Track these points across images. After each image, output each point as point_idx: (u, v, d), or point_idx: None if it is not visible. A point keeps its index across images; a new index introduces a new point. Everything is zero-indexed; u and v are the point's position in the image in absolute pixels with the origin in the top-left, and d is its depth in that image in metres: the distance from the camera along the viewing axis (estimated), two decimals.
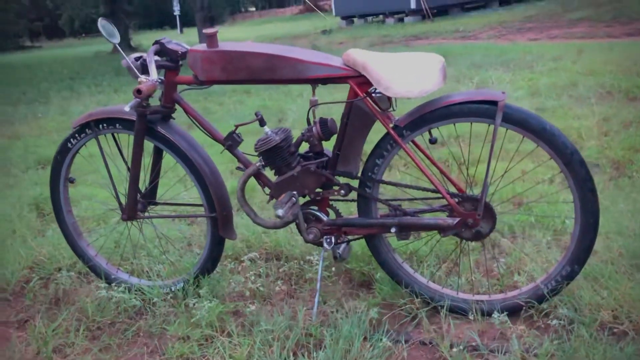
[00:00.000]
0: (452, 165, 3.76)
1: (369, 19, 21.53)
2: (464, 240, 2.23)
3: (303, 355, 2.02)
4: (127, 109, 2.16)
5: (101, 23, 2.25)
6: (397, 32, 15.82)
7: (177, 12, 32.49)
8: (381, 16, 20.79)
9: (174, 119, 2.43)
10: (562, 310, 2.09)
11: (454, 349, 1.99)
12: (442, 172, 2.24)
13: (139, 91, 2.07)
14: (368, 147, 2.23)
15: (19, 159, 5.16)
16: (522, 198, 3.17)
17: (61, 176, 2.56)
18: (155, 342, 2.23)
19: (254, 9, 53.46)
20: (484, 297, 2.23)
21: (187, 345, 2.13)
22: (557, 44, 9.86)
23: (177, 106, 2.37)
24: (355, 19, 21.90)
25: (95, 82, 10.85)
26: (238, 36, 22.90)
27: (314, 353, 2.02)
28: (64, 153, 2.51)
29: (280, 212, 2.18)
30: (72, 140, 2.48)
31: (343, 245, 2.33)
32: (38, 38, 44.39)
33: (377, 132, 2.18)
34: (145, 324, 2.34)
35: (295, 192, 2.24)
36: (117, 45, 2.32)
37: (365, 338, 2.09)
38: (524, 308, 2.15)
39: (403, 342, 2.07)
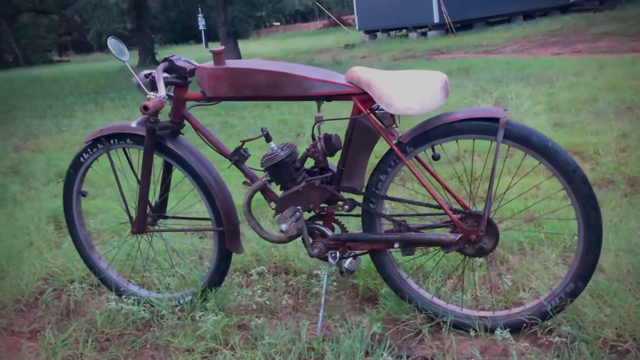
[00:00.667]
0: (463, 182, 3.75)
1: (392, 33, 21.59)
2: (468, 257, 2.23)
3: None
4: (134, 125, 2.21)
5: (111, 41, 2.31)
6: (419, 47, 15.84)
7: (202, 27, 32.90)
8: (404, 30, 20.84)
9: (182, 134, 2.47)
10: (565, 328, 2.08)
11: None
12: (445, 188, 2.25)
13: (145, 108, 2.11)
14: (375, 161, 2.25)
15: (41, 172, 5.25)
16: (530, 214, 3.15)
17: (74, 190, 2.62)
18: (162, 354, 2.26)
19: (278, 23, 53.80)
20: (488, 314, 2.22)
21: (191, 357, 2.16)
22: (579, 58, 9.78)
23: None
24: (378, 34, 21.97)
25: (119, 96, 10.99)
26: (262, 50, 23.12)
27: None
28: (77, 167, 2.57)
29: (283, 226, 2.21)
30: (84, 154, 2.54)
31: (350, 259, 2.34)
32: (66, 52, 45.28)
33: (385, 147, 2.20)
34: (152, 336, 2.37)
35: (299, 207, 2.26)
36: (126, 63, 2.37)
37: (367, 353, 2.09)
38: (528, 325, 2.13)
39: (405, 358, 2.07)
